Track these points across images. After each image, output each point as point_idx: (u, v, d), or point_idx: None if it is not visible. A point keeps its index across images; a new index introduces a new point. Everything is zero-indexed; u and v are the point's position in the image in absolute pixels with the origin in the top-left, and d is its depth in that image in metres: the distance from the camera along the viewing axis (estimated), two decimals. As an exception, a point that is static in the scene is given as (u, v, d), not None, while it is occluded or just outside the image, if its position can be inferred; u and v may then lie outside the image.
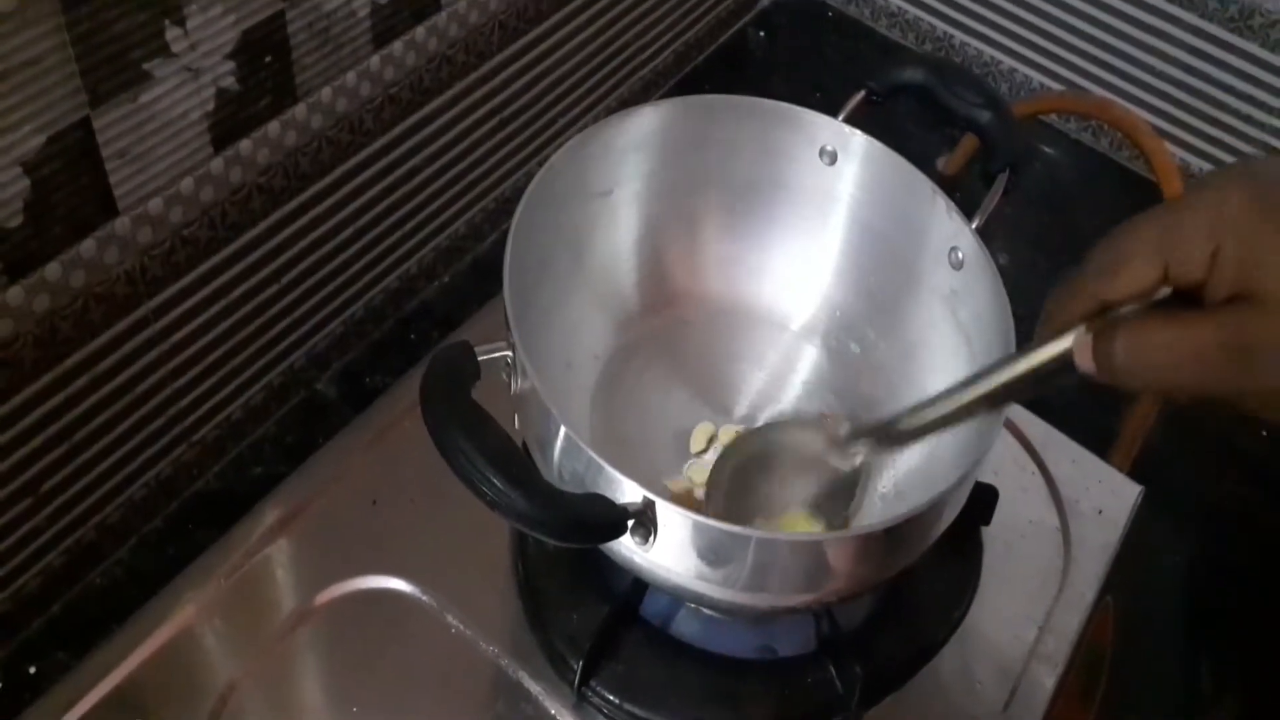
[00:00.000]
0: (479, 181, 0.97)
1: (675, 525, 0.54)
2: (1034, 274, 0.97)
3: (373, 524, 0.74)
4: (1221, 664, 0.87)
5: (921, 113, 0.73)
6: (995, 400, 0.57)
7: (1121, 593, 0.79)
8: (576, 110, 1.04)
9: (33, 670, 0.73)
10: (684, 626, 0.70)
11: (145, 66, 0.64)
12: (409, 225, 0.91)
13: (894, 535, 0.57)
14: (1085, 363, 0.49)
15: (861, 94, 0.74)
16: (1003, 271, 0.67)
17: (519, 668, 0.68)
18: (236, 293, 0.78)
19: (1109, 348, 0.47)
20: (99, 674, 0.68)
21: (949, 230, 0.70)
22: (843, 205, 0.76)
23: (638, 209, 0.76)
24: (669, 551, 0.55)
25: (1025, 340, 0.63)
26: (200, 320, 0.76)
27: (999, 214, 0.71)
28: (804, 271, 0.77)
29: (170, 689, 0.67)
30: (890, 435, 0.63)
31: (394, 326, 0.94)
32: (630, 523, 0.53)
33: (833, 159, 0.75)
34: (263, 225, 0.77)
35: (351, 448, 0.78)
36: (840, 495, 0.65)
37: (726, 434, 0.75)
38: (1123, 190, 1.12)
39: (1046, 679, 0.71)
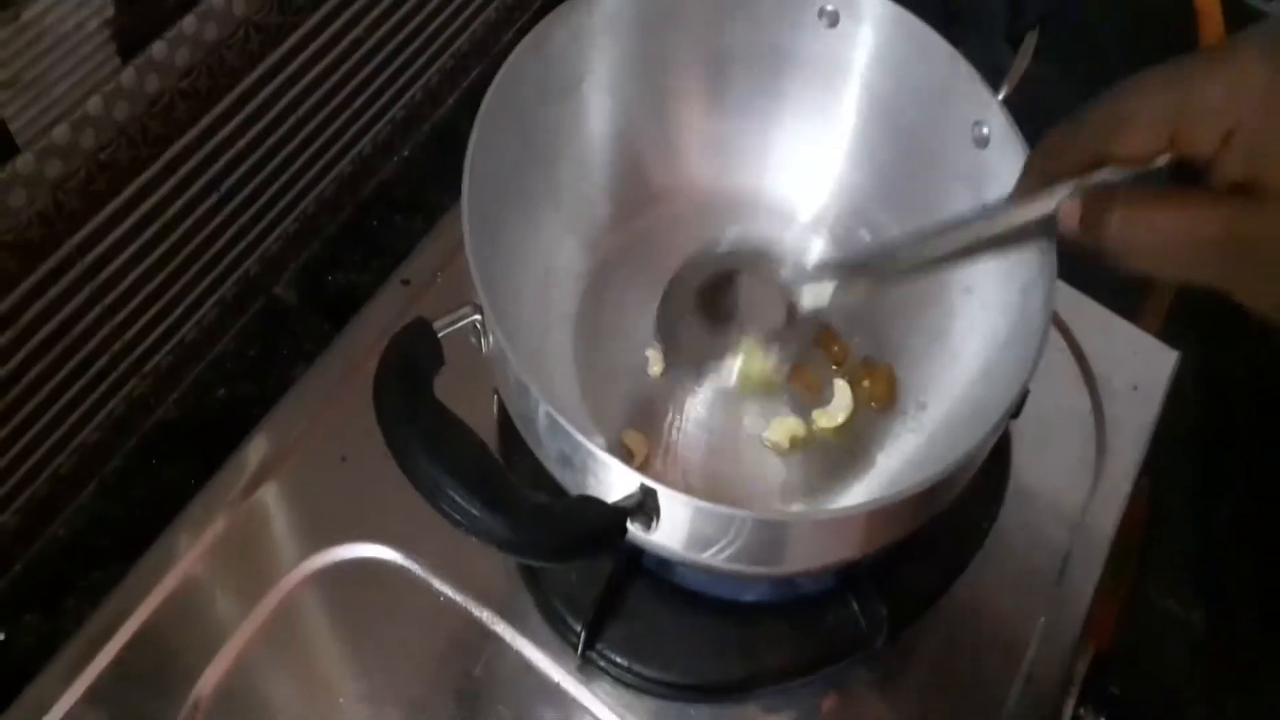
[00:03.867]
0: (433, 40, 0.86)
1: (679, 512, 0.48)
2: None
3: (344, 484, 0.67)
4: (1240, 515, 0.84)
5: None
6: (969, 252, 0.55)
7: (1155, 466, 0.74)
8: (535, -57, 0.93)
9: (1, 637, 0.68)
10: (692, 575, 0.64)
11: (23, -22, 0.55)
12: (358, 102, 0.82)
13: (920, 500, 0.50)
14: (1070, 226, 0.46)
15: (864, -60, 0.64)
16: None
17: (516, 634, 0.63)
18: (171, 210, 0.70)
19: (1102, 218, 0.44)
20: (67, 676, 0.62)
21: (972, 102, 0.61)
22: (847, 74, 0.67)
23: (612, 99, 0.66)
24: (675, 535, 0.49)
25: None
26: (134, 247, 0.68)
27: (1029, 81, 0.62)
28: (809, 152, 0.69)
29: (138, 687, 0.62)
30: (859, 273, 0.61)
31: (352, 215, 0.86)
32: (629, 520, 0.46)
33: (833, 20, 0.65)
34: (191, 133, 0.69)
35: (313, 397, 0.71)
36: (797, 331, 0.64)
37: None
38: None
39: (1083, 584, 0.67)
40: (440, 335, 0.49)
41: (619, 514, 0.46)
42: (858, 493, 0.61)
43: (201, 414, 0.77)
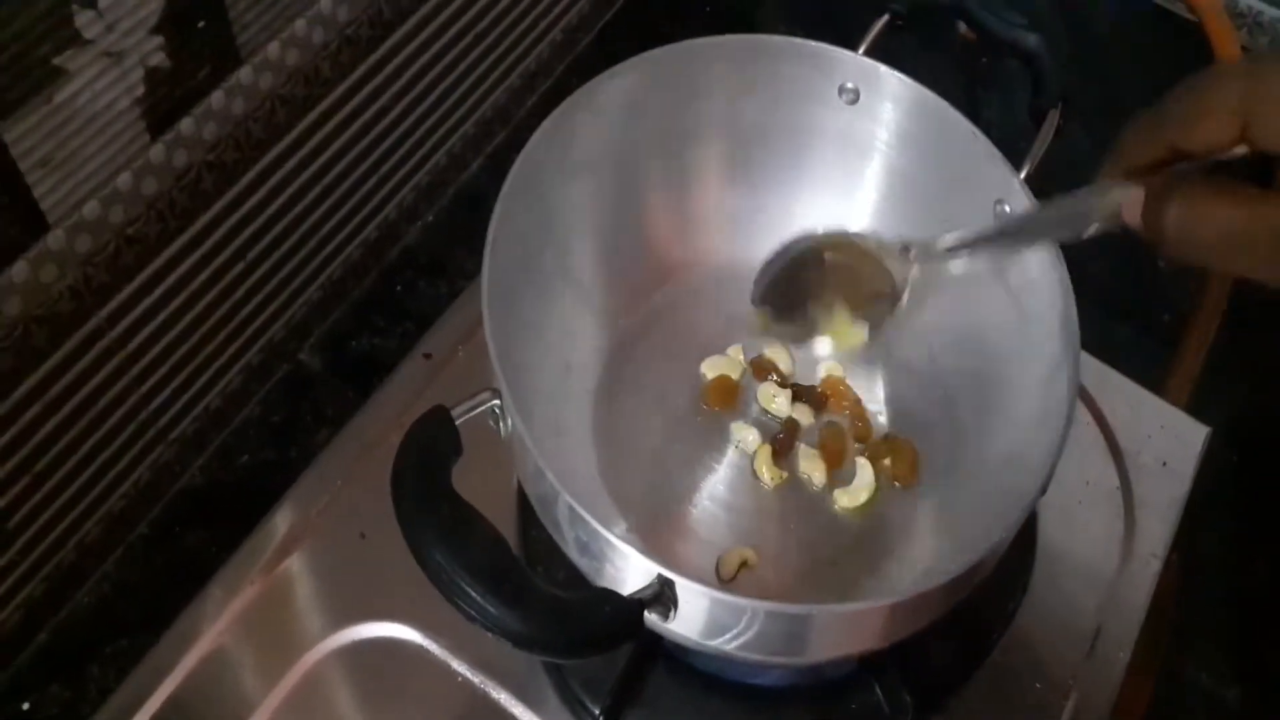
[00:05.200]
0: (456, 107, 0.87)
1: (698, 602, 0.47)
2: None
3: (363, 562, 0.66)
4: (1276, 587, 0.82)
5: (953, 42, 0.64)
6: (1041, 236, 0.57)
7: (1186, 536, 0.73)
8: (556, 10, 0.93)
9: (26, 707, 0.68)
10: (713, 659, 0.63)
11: (56, 62, 0.56)
12: (383, 169, 0.83)
13: (941, 592, 0.50)
14: (1133, 219, 0.46)
15: (884, 19, 0.65)
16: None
17: (534, 716, 0.62)
18: (198, 281, 0.71)
19: (1162, 212, 0.44)
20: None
21: (993, 180, 0.61)
22: (868, 150, 0.67)
23: (631, 177, 0.67)
24: (693, 624, 0.49)
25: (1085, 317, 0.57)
26: (161, 317, 0.69)
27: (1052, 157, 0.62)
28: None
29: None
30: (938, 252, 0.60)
31: (377, 280, 0.86)
32: (646, 610, 0.46)
33: (854, 97, 0.65)
34: (218, 205, 0.69)
35: (332, 473, 0.71)
36: (884, 304, 0.63)
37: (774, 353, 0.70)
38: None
39: (1114, 663, 0.66)
40: (459, 421, 0.49)
41: (636, 607, 0.45)
42: (883, 574, 0.61)
43: (224, 481, 0.77)
